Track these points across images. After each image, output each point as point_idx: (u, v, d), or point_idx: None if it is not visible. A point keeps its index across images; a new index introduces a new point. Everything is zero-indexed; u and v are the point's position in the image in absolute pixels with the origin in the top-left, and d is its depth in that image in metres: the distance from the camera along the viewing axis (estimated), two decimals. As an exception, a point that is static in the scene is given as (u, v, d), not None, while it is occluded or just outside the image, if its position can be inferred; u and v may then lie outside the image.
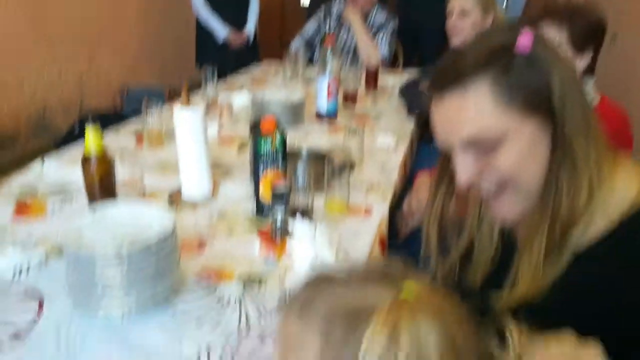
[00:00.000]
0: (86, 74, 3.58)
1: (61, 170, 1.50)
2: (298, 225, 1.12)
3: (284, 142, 1.22)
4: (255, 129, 1.21)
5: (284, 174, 1.24)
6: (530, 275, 0.64)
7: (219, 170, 1.50)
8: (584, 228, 0.63)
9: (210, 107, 2.06)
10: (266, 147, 1.19)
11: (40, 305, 0.93)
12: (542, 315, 0.51)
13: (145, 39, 4.17)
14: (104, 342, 0.85)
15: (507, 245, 0.72)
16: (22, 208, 1.29)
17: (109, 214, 0.97)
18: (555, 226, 0.63)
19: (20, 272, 1.02)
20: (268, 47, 3.92)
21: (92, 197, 1.17)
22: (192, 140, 1.25)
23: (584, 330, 0.50)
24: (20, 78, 3.13)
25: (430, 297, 0.45)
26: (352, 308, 0.44)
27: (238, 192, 1.38)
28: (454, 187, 0.77)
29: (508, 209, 0.67)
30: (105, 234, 0.91)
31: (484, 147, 0.63)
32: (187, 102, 1.28)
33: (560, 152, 0.62)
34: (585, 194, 0.62)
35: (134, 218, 0.95)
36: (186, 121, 1.25)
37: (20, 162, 1.55)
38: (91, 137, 1.11)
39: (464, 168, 0.65)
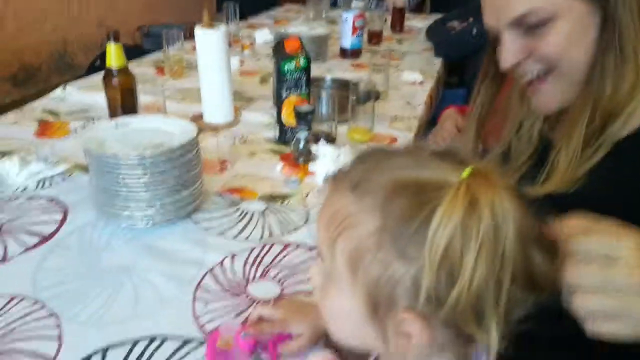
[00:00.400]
0: (106, 14, 3.54)
1: (83, 94, 1.49)
2: (321, 148, 1.10)
3: (308, 64, 1.18)
4: (279, 49, 1.17)
5: (308, 99, 1.21)
6: (566, 166, 0.61)
7: (240, 99, 1.48)
8: (625, 120, 0.60)
9: (232, 43, 2.02)
10: (290, 68, 1.15)
11: (65, 215, 0.93)
12: (576, 204, 0.48)
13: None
14: (128, 246, 0.85)
15: (544, 149, 0.69)
16: (45, 128, 1.28)
17: (131, 125, 0.95)
18: (595, 115, 0.60)
19: (44, 184, 1.03)
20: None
21: (114, 115, 1.16)
22: (214, 61, 1.22)
23: (621, 219, 0.47)
24: (44, 12, 3.10)
25: (500, 178, 0.41)
26: (419, 181, 0.40)
27: (260, 119, 1.36)
28: (498, 83, 0.74)
29: (550, 96, 0.65)
30: (127, 143, 0.89)
31: (533, 27, 0.61)
32: (210, 24, 1.23)
33: (609, 38, 0.59)
34: (629, 84, 0.59)
35: (157, 129, 0.93)
36: (208, 41, 1.21)
37: (42, 95, 1.53)
38: (113, 51, 1.09)
39: (510, 48, 0.63)
